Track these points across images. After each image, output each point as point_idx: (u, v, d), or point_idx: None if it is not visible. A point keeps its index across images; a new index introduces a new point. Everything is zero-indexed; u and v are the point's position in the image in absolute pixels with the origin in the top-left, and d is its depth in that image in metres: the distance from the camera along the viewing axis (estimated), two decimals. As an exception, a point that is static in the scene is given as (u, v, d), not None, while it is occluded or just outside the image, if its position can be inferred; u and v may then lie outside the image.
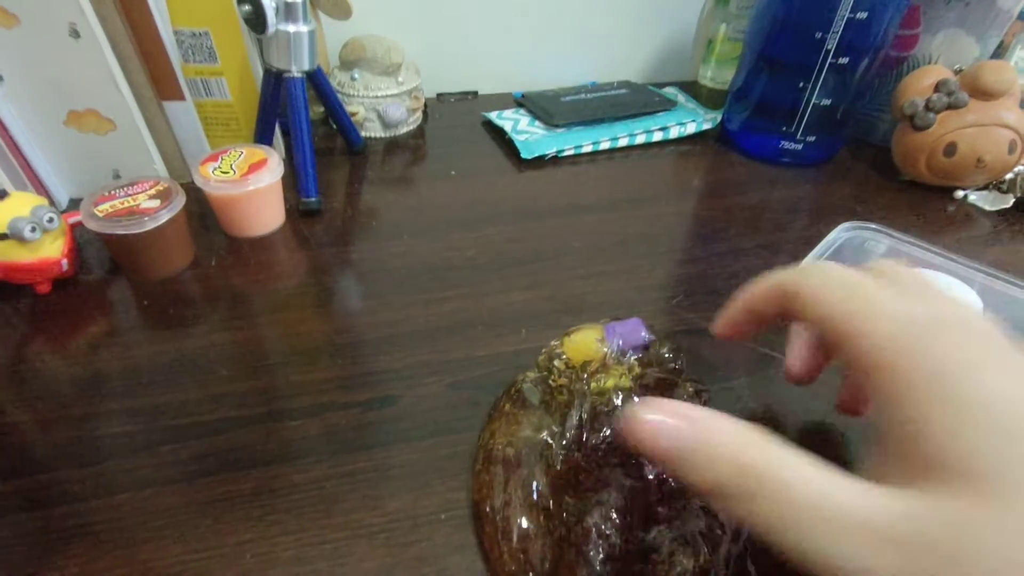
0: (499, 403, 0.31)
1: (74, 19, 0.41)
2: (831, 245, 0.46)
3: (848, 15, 0.48)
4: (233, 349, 0.37)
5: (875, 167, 0.59)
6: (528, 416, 0.29)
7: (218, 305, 0.40)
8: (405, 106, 0.61)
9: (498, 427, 0.29)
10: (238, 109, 0.53)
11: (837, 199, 0.54)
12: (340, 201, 0.52)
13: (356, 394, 0.34)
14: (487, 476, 0.27)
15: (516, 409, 0.30)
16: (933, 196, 0.55)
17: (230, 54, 0.50)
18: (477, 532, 0.27)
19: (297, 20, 0.46)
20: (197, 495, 0.29)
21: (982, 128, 0.50)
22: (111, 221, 0.39)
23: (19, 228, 0.37)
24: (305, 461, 0.31)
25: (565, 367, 0.30)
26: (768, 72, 0.56)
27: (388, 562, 0.27)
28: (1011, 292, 0.42)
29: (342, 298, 0.42)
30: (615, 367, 0.29)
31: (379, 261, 0.45)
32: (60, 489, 0.29)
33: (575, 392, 0.28)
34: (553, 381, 0.30)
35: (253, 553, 0.27)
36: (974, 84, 0.50)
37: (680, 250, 0.47)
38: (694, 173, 0.58)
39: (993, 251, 0.48)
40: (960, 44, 0.56)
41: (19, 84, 0.43)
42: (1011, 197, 0.53)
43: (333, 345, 0.37)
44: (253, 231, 0.47)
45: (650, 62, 0.79)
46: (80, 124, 0.46)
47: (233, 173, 0.44)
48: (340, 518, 0.28)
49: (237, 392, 0.34)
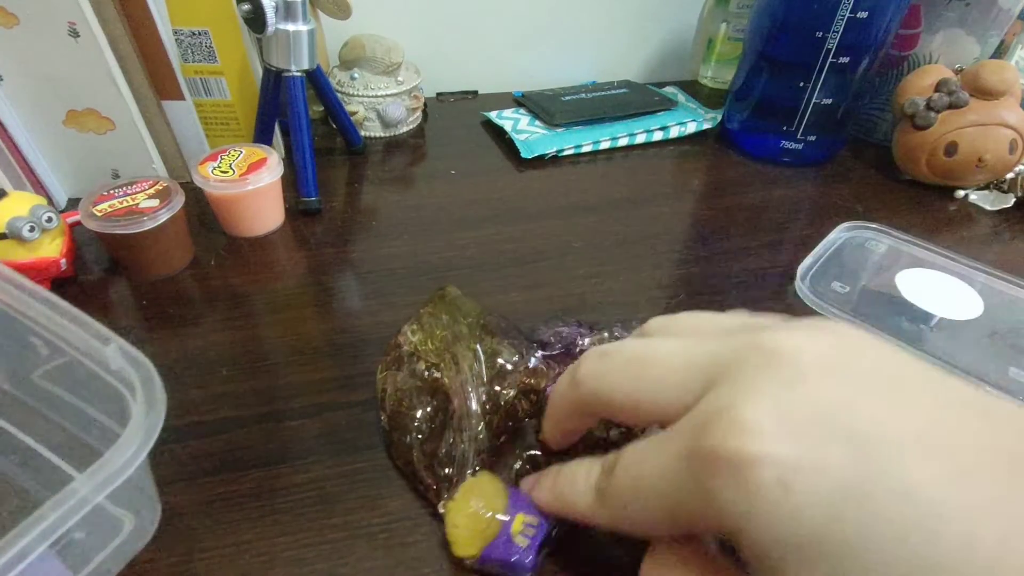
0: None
1: (73, 19, 0.41)
2: (831, 245, 0.46)
3: (848, 14, 0.48)
4: (233, 349, 0.37)
5: (876, 167, 0.59)
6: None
7: (217, 305, 0.40)
8: (405, 105, 0.61)
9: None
10: (237, 109, 0.53)
11: (837, 199, 0.54)
12: (340, 201, 0.52)
13: (356, 394, 0.34)
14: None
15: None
16: (934, 196, 0.55)
17: (229, 53, 0.50)
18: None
19: (296, 19, 0.46)
20: (197, 495, 0.29)
21: (983, 128, 0.50)
22: (110, 221, 0.39)
23: (17, 228, 0.37)
24: (305, 461, 0.30)
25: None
26: (768, 72, 0.56)
27: (388, 562, 0.26)
28: (1011, 292, 0.42)
29: (342, 298, 0.41)
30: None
31: (379, 261, 0.45)
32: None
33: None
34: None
35: (253, 553, 0.27)
36: (975, 83, 0.50)
37: (680, 250, 0.47)
38: (694, 173, 0.58)
39: (993, 251, 0.48)
40: (960, 44, 0.56)
41: (18, 83, 0.43)
42: (1012, 197, 0.53)
43: (333, 345, 0.37)
44: (253, 231, 0.47)
45: (650, 62, 0.79)
46: (79, 124, 0.46)
47: (232, 173, 0.44)
48: (340, 518, 0.28)
49: (237, 392, 0.34)
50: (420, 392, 0.30)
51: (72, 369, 0.25)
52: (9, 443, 0.29)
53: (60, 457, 0.28)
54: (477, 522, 0.25)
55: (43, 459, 0.28)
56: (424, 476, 0.28)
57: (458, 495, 0.26)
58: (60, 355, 0.25)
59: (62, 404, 0.29)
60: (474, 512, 0.25)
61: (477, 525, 0.25)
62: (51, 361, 0.27)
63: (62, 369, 0.26)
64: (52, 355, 0.26)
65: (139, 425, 0.22)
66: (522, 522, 0.25)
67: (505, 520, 0.25)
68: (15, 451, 0.29)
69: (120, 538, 0.24)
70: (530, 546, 0.24)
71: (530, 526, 0.25)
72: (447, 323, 0.32)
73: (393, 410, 0.30)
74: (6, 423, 0.29)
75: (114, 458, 0.21)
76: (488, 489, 0.26)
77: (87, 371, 0.24)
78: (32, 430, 0.29)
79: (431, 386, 0.29)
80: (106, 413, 0.27)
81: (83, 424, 0.28)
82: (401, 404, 0.30)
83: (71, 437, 0.29)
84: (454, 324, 0.31)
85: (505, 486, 0.27)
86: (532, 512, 0.25)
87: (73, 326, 0.24)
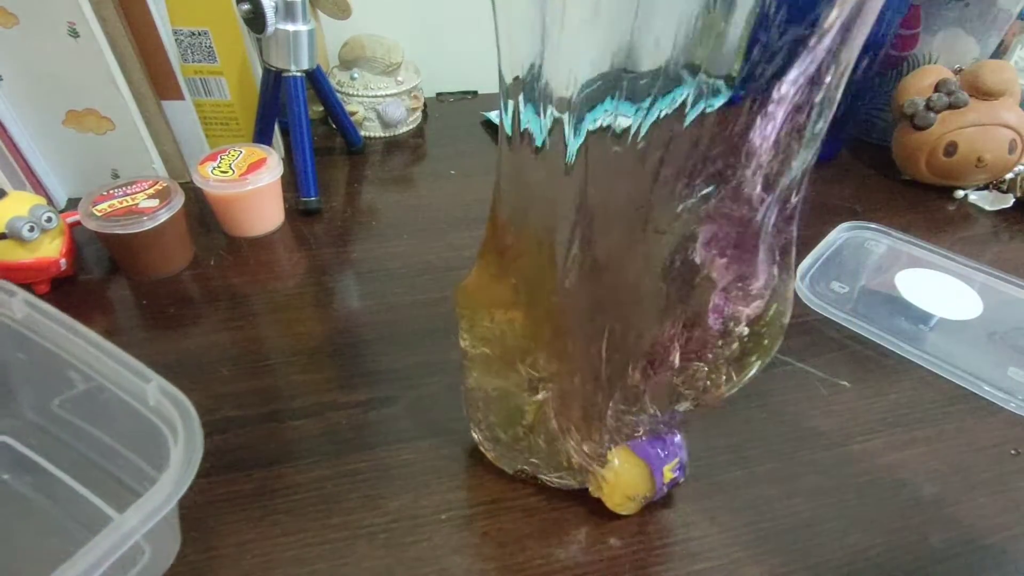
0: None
1: (73, 19, 0.41)
2: (831, 245, 0.46)
3: (848, 15, 0.48)
4: (233, 349, 0.37)
5: (875, 167, 0.59)
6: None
7: (218, 305, 0.40)
8: (405, 105, 0.61)
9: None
10: (237, 108, 0.53)
11: (837, 199, 0.54)
12: (339, 201, 0.52)
13: (356, 394, 0.34)
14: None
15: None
16: (933, 196, 0.55)
17: (229, 53, 0.50)
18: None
19: (296, 19, 0.46)
20: (198, 495, 0.29)
21: (982, 128, 0.50)
22: (110, 221, 0.39)
23: (17, 228, 0.37)
24: (305, 461, 0.31)
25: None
26: (768, 72, 0.56)
27: (388, 562, 0.27)
28: (1011, 292, 0.42)
29: (342, 298, 0.41)
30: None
31: (379, 261, 0.45)
32: (60, 490, 0.29)
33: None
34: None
35: (254, 553, 0.27)
36: (974, 84, 0.50)
37: (680, 250, 0.47)
38: (694, 173, 0.58)
39: (993, 251, 0.48)
40: (960, 44, 0.56)
41: (18, 83, 0.43)
42: (1011, 197, 0.53)
43: (333, 345, 0.37)
44: (252, 231, 0.47)
45: (650, 61, 0.79)
46: (79, 123, 0.46)
47: (232, 172, 0.44)
48: (340, 518, 0.28)
49: (237, 392, 0.34)
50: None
51: (109, 405, 0.26)
52: (44, 477, 0.29)
53: (91, 491, 0.29)
54: (636, 503, 0.28)
55: (77, 494, 0.29)
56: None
57: (605, 490, 0.28)
58: (99, 391, 0.26)
59: (92, 439, 0.29)
60: (630, 498, 0.28)
61: (636, 505, 0.28)
62: (87, 395, 0.28)
63: (98, 404, 0.27)
64: (90, 390, 0.27)
65: (181, 461, 0.22)
66: (669, 471, 0.27)
67: (657, 489, 0.28)
68: (50, 484, 0.29)
69: (137, 568, 0.25)
70: (676, 476, 0.28)
71: (676, 468, 0.28)
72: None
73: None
74: (39, 456, 0.30)
75: (156, 494, 0.21)
76: (627, 477, 0.27)
77: (125, 407, 0.25)
78: (64, 463, 0.30)
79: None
80: (136, 450, 0.28)
81: (111, 458, 0.29)
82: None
83: (103, 471, 0.29)
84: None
85: (641, 460, 0.27)
86: (672, 452, 0.27)
87: (113, 363, 0.25)
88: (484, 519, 0.29)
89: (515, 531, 0.28)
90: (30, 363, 0.29)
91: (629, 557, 0.27)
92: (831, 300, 0.41)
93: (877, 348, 0.39)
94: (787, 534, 0.29)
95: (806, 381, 0.36)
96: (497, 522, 0.28)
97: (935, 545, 0.28)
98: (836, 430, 0.33)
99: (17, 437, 0.30)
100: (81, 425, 0.29)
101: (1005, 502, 0.30)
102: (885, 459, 0.32)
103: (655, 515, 0.29)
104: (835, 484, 0.31)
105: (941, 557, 0.28)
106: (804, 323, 0.40)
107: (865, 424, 0.34)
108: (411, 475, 0.30)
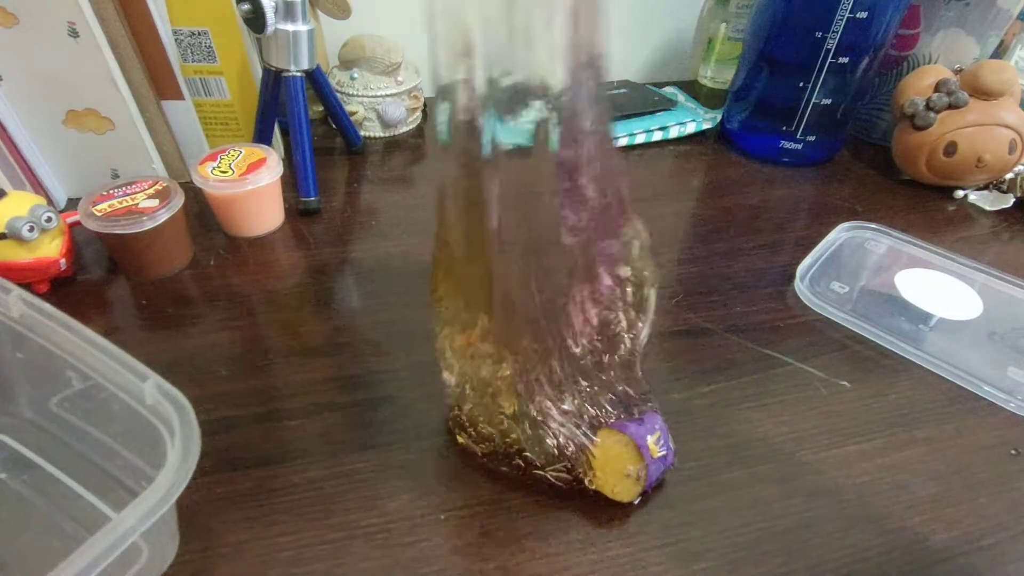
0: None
1: (73, 19, 0.41)
2: (831, 245, 0.46)
3: (848, 15, 0.48)
4: (232, 349, 0.37)
5: (875, 167, 0.59)
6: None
7: (217, 305, 0.40)
8: (404, 105, 0.61)
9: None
10: (237, 108, 0.53)
11: (837, 199, 0.54)
12: (339, 201, 0.52)
13: (356, 394, 0.34)
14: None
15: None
16: (933, 196, 0.55)
17: (229, 53, 0.50)
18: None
19: (296, 19, 0.46)
20: (195, 495, 0.29)
21: (982, 128, 0.50)
22: (109, 221, 0.39)
23: (17, 227, 0.37)
24: (304, 461, 0.30)
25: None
26: (768, 72, 0.56)
27: (387, 563, 0.26)
28: (1011, 292, 0.42)
29: (341, 298, 0.41)
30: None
31: (378, 261, 0.45)
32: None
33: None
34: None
35: (252, 553, 0.27)
36: (974, 84, 0.50)
37: (680, 250, 0.47)
38: (693, 173, 0.58)
39: (993, 251, 0.48)
40: (960, 44, 0.56)
41: (18, 83, 0.43)
42: (1011, 197, 0.53)
43: (333, 345, 0.37)
44: (252, 231, 0.47)
45: (650, 62, 0.79)
46: (79, 123, 0.46)
47: (232, 172, 0.44)
48: (339, 518, 0.28)
49: (236, 392, 0.34)
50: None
51: (107, 403, 0.26)
52: (41, 476, 0.29)
53: (88, 490, 0.29)
54: (631, 482, 0.28)
55: (74, 493, 0.29)
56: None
57: (597, 472, 0.28)
58: (97, 390, 0.26)
59: (90, 437, 0.29)
60: (624, 476, 0.28)
61: (632, 485, 0.28)
62: (84, 394, 0.28)
63: (95, 403, 0.27)
64: (87, 389, 0.27)
65: (178, 460, 0.22)
66: (654, 444, 0.28)
67: (647, 461, 0.28)
68: (47, 483, 0.29)
69: (135, 568, 0.25)
70: (665, 455, 0.29)
71: (659, 442, 0.28)
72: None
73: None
74: (36, 455, 0.30)
75: (153, 493, 0.21)
76: (614, 452, 0.28)
77: (122, 406, 0.25)
78: (62, 462, 0.30)
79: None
80: (134, 449, 0.28)
81: (109, 457, 0.29)
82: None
83: (100, 470, 0.29)
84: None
85: (624, 435, 0.28)
86: (651, 426, 0.28)
87: (111, 361, 0.25)
88: (483, 519, 0.29)
89: (514, 531, 0.28)
90: (27, 362, 0.29)
91: (629, 557, 0.27)
92: (831, 300, 0.41)
93: (877, 348, 0.38)
94: (787, 534, 0.29)
95: (806, 381, 0.36)
96: (496, 522, 0.28)
97: (934, 545, 0.28)
98: (836, 430, 0.33)
99: (14, 436, 0.30)
100: (79, 424, 0.29)
101: (1005, 502, 0.30)
102: (885, 459, 0.32)
103: (655, 515, 0.29)
104: (835, 484, 0.31)
105: (941, 557, 0.28)
106: (804, 323, 0.40)
107: (865, 424, 0.34)
108: (409, 475, 0.30)
